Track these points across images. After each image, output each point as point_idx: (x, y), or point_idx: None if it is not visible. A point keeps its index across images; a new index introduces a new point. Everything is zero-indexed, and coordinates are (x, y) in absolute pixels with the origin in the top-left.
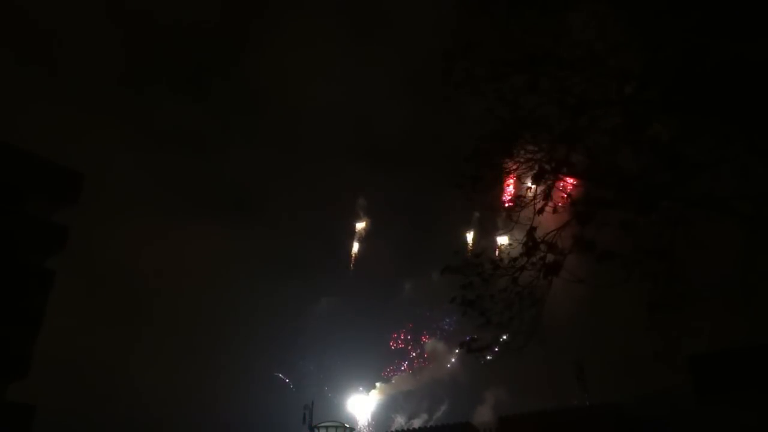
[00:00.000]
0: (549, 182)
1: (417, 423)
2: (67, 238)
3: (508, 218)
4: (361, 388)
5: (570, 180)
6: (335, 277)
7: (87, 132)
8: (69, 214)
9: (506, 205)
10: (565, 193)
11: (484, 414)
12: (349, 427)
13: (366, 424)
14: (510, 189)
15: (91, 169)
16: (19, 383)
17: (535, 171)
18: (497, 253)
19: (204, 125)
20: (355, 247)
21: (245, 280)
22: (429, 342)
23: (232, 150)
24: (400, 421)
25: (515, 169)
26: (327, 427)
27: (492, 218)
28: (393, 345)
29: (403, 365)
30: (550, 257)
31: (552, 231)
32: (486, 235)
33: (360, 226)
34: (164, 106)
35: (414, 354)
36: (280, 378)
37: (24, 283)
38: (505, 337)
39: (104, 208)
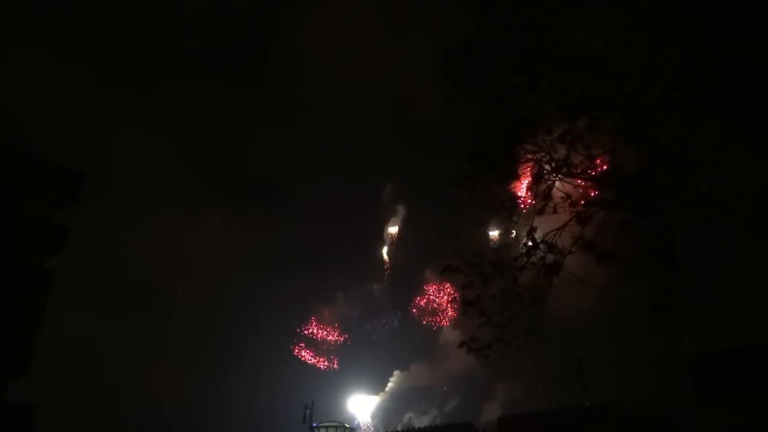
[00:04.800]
0: (549, 182)
1: (426, 419)
2: (68, 237)
3: (509, 218)
4: (367, 389)
5: (570, 180)
6: (358, 276)
7: (105, 117)
8: (69, 214)
9: (521, 203)
10: (565, 193)
11: (492, 411)
12: (349, 427)
13: (368, 424)
14: (523, 187)
15: (105, 157)
16: (19, 383)
17: (535, 171)
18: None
19: (231, 109)
20: (386, 251)
21: (262, 273)
22: (442, 334)
23: (259, 136)
24: (409, 415)
25: (514, 169)
26: (327, 427)
27: (509, 216)
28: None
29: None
30: (550, 257)
31: (552, 231)
32: (507, 232)
33: (392, 230)
34: (189, 89)
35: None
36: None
37: (24, 283)
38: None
39: (114, 199)
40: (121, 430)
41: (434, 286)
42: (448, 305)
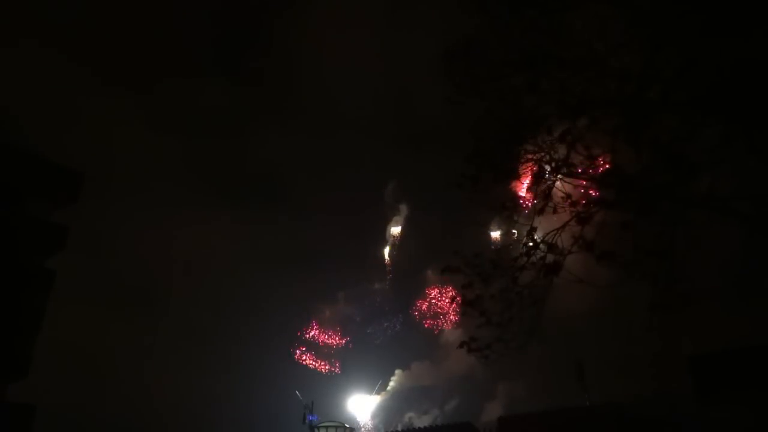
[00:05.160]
0: (549, 182)
1: (427, 419)
2: (68, 237)
3: (509, 218)
4: (367, 389)
5: (570, 180)
6: (359, 275)
7: (107, 115)
8: (69, 214)
9: (522, 203)
10: (565, 193)
11: (493, 411)
12: (349, 428)
13: (369, 425)
14: (524, 187)
15: (106, 156)
16: (19, 383)
17: (535, 171)
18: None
19: (232, 107)
20: (387, 251)
21: (262, 273)
22: (444, 333)
23: (260, 134)
24: (410, 414)
25: (514, 169)
26: (327, 427)
27: (510, 216)
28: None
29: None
30: (550, 257)
31: (552, 231)
32: (508, 232)
33: (395, 230)
34: (191, 88)
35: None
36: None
37: (24, 283)
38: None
39: (115, 198)
40: (121, 430)
41: (436, 290)
42: (450, 309)
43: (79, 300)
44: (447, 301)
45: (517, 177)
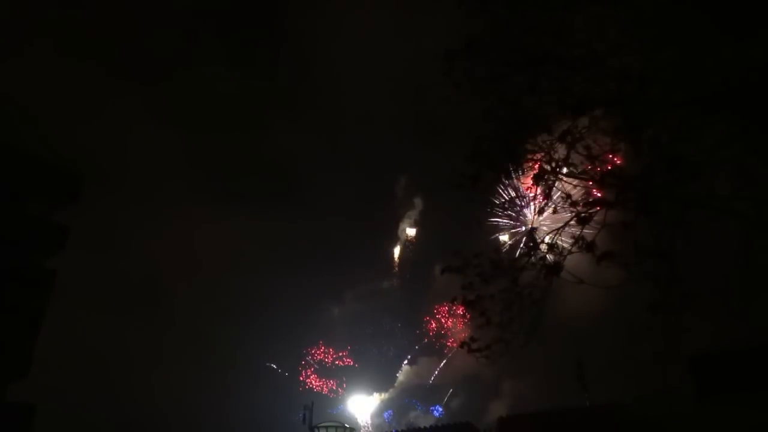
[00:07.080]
0: (549, 182)
1: (432, 418)
2: (68, 237)
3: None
4: (371, 390)
5: (570, 180)
6: (369, 275)
7: (118, 111)
8: (74, 213)
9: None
10: (565, 193)
11: (498, 410)
12: (349, 428)
13: (368, 424)
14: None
15: (116, 152)
16: (19, 383)
17: (535, 171)
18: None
19: (244, 103)
20: (398, 250)
21: (270, 270)
22: (449, 331)
23: (272, 129)
24: (415, 413)
25: (515, 169)
26: (327, 428)
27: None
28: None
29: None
30: (550, 257)
31: (552, 231)
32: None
33: (411, 232)
34: (202, 82)
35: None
36: (273, 368)
37: (24, 283)
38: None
39: (124, 195)
40: (122, 430)
41: (445, 307)
42: (461, 327)
43: (81, 300)
44: (456, 320)
45: (520, 176)
